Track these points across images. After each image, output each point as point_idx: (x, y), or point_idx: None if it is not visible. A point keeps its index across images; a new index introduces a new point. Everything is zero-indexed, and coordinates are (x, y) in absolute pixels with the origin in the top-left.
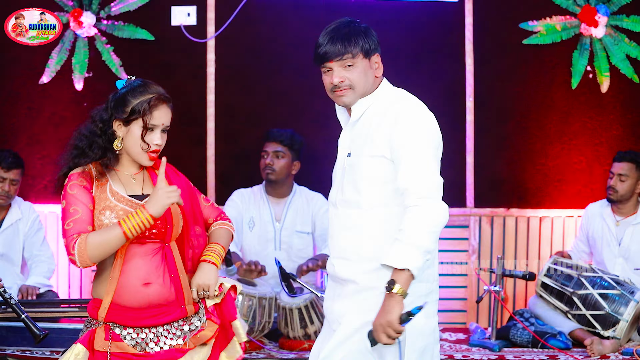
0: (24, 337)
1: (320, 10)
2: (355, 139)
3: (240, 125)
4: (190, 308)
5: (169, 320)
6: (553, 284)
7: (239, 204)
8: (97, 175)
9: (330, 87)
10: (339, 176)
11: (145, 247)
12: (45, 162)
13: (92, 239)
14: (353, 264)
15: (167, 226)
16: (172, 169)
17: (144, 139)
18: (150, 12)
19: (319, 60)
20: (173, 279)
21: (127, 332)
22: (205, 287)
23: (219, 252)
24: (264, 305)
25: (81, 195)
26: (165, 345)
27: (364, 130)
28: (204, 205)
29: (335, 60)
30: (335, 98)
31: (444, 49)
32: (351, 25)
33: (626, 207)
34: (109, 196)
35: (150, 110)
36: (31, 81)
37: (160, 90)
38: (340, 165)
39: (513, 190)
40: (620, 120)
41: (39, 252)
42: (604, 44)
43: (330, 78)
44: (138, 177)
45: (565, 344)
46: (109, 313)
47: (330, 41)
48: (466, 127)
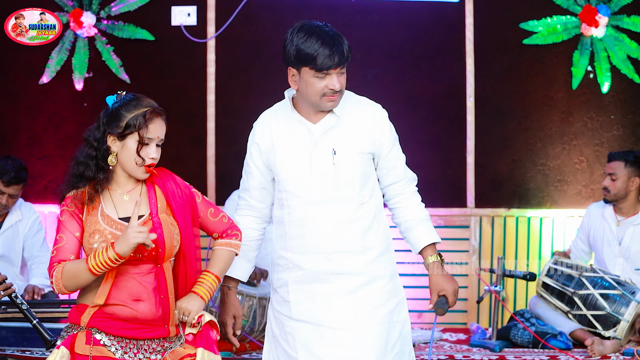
0: (24, 337)
1: (320, 10)
2: (339, 138)
3: (241, 125)
4: (172, 329)
5: (150, 337)
6: (554, 284)
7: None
8: (89, 199)
9: (323, 92)
10: (327, 173)
11: (139, 268)
12: (45, 162)
13: (66, 270)
14: (357, 255)
15: (159, 249)
16: (173, 181)
17: (140, 153)
18: (151, 12)
19: (324, 68)
20: (162, 300)
21: (107, 339)
22: (186, 312)
23: (209, 285)
24: (264, 305)
25: (68, 222)
26: (144, 358)
27: (346, 128)
28: (211, 220)
29: (338, 67)
30: (324, 102)
31: (444, 49)
32: (336, 31)
33: (626, 206)
34: (99, 219)
35: (146, 124)
36: (31, 81)
37: (153, 103)
38: (325, 162)
39: (514, 190)
40: (621, 121)
41: (39, 252)
42: (604, 44)
43: (331, 83)
44: (133, 194)
45: (565, 344)
46: (92, 319)
47: (337, 51)
48: (467, 127)
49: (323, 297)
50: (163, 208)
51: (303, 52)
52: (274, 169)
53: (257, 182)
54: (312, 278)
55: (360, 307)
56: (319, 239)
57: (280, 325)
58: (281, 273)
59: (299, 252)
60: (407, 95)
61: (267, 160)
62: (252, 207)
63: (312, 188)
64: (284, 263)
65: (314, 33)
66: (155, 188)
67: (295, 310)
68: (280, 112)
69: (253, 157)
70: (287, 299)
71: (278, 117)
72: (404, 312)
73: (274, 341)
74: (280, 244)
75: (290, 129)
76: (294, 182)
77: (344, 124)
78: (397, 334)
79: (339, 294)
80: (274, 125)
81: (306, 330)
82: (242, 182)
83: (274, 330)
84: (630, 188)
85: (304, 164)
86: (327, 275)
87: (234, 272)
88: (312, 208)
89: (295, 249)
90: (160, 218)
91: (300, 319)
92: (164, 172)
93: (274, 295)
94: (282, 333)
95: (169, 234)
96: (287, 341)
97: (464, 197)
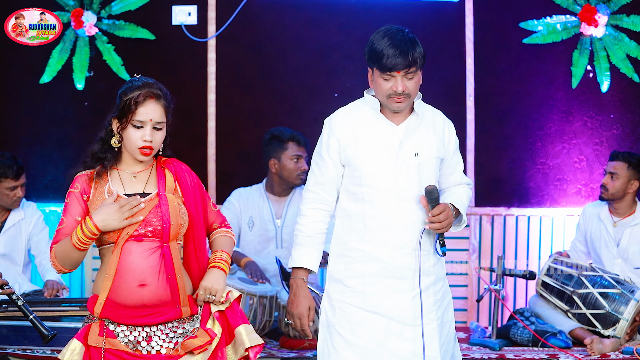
0: (25, 336)
1: (320, 10)
2: (419, 141)
3: (241, 124)
4: (185, 310)
5: (162, 321)
6: (553, 283)
7: (236, 205)
8: (97, 175)
9: (389, 93)
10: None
11: (143, 245)
12: (45, 161)
13: (58, 249)
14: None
15: (164, 225)
16: (184, 169)
17: (133, 135)
18: (151, 11)
19: (387, 69)
20: (169, 279)
21: (120, 330)
22: (213, 292)
23: (226, 259)
24: (265, 304)
25: (72, 205)
26: (157, 345)
27: (425, 134)
28: (212, 210)
29: (402, 70)
30: (391, 103)
31: (444, 49)
32: (412, 37)
33: (622, 207)
34: (106, 195)
35: (135, 107)
36: (32, 81)
37: (152, 87)
38: (406, 163)
39: (513, 189)
40: (621, 120)
41: (46, 248)
42: (604, 43)
43: (395, 85)
44: (142, 175)
45: (565, 342)
46: (104, 309)
47: (402, 53)
48: (466, 126)
49: (398, 293)
50: (171, 189)
51: (373, 51)
52: (354, 164)
53: (331, 176)
54: (392, 272)
55: (428, 305)
56: (405, 235)
57: (343, 314)
58: (355, 264)
59: (382, 246)
60: None
61: (345, 155)
62: (323, 201)
63: (399, 186)
64: (360, 255)
65: (388, 35)
66: (165, 172)
67: (370, 302)
68: (362, 109)
69: (331, 151)
70: (361, 290)
71: (358, 114)
72: (452, 313)
73: (328, 330)
74: (355, 236)
75: (373, 126)
76: (380, 178)
77: (423, 128)
78: (446, 333)
79: (412, 291)
80: (355, 122)
81: (377, 321)
82: (314, 176)
83: (330, 319)
84: (629, 190)
85: (390, 161)
86: (405, 272)
87: (306, 263)
88: (400, 205)
89: (377, 242)
90: (166, 196)
91: (373, 311)
92: (176, 160)
93: (337, 285)
94: (345, 322)
95: (175, 212)
96: (351, 330)
97: None
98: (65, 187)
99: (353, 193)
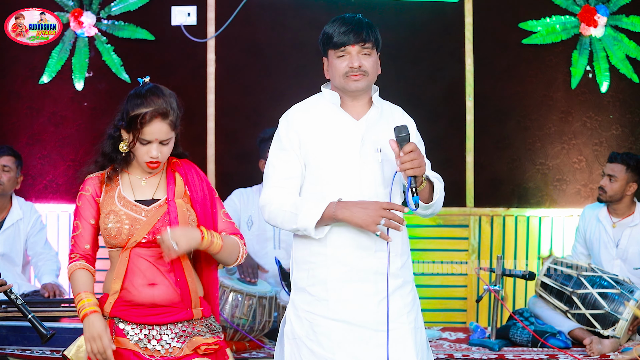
0: (24, 336)
1: (320, 10)
2: (381, 136)
3: (240, 125)
4: (197, 312)
5: (173, 321)
6: (553, 284)
7: (237, 203)
8: (107, 178)
9: (345, 71)
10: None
11: (152, 250)
12: (45, 162)
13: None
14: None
15: None
16: (195, 171)
17: (139, 151)
18: (151, 11)
19: (340, 44)
20: (179, 282)
21: (130, 328)
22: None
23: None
24: (264, 304)
25: (84, 208)
26: (166, 344)
27: (386, 127)
28: (223, 219)
29: (356, 44)
30: (348, 82)
31: (444, 49)
32: (367, 21)
33: (621, 208)
34: (116, 201)
35: (142, 127)
36: (31, 81)
37: (158, 103)
38: (372, 159)
39: (513, 189)
40: (620, 120)
41: (43, 250)
42: (603, 43)
43: (351, 62)
44: (152, 180)
45: (564, 343)
46: (114, 308)
47: (354, 28)
48: (466, 126)
49: (364, 297)
50: (180, 194)
51: (325, 35)
52: (314, 163)
53: (298, 171)
54: (357, 276)
55: (397, 309)
56: (369, 236)
57: (309, 325)
58: (315, 270)
59: (344, 248)
60: (406, 94)
61: (305, 151)
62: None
63: (362, 184)
64: (321, 260)
65: (339, 18)
66: (175, 176)
67: (334, 310)
68: (320, 104)
69: (293, 145)
70: (324, 297)
71: (316, 109)
72: (422, 319)
73: (295, 343)
74: (317, 239)
75: (333, 121)
76: (343, 176)
77: (384, 122)
78: (419, 339)
79: (378, 295)
80: (314, 118)
81: (344, 330)
82: (277, 172)
83: (297, 331)
84: (627, 192)
85: (353, 158)
86: (370, 275)
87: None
88: None
89: (339, 245)
90: (175, 202)
91: (338, 319)
92: (187, 163)
93: (301, 294)
94: (312, 333)
95: (184, 219)
96: (318, 342)
97: (463, 197)
98: (65, 187)
99: (312, 193)
